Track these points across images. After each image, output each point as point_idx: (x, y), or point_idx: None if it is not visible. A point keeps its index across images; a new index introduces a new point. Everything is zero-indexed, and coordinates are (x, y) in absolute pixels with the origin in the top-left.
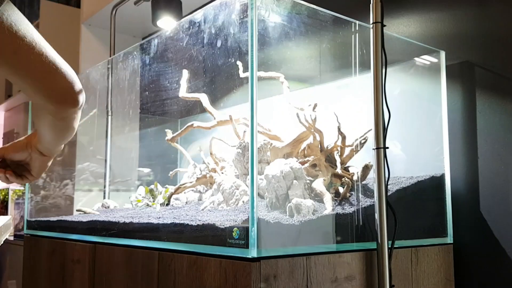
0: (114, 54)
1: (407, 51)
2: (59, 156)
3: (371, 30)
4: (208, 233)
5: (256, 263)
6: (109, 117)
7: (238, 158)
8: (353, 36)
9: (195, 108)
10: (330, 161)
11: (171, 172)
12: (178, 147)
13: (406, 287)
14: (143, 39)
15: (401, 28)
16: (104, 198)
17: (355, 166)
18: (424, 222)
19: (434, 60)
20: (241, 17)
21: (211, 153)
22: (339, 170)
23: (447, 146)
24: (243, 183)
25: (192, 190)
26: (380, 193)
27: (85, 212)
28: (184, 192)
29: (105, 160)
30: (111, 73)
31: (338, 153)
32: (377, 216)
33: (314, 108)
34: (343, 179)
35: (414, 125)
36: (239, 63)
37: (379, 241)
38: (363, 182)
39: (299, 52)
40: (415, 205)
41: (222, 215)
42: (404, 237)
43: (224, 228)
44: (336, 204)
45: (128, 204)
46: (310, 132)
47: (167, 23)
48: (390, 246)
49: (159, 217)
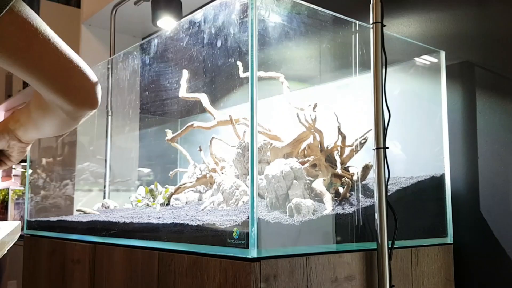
0: (114, 54)
1: (407, 51)
2: (59, 156)
3: (371, 30)
4: (208, 233)
5: (256, 263)
6: (109, 117)
7: (238, 158)
8: (353, 36)
9: (195, 108)
10: (330, 161)
11: (171, 172)
12: (178, 147)
13: (406, 287)
14: (143, 39)
15: (401, 28)
16: (104, 198)
17: (355, 166)
18: (424, 222)
19: (434, 60)
20: (241, 17)
21: (211, 153)
22: (339, 170)
23: (447, 146)
24: (243, 183)
25: (192, 190)
26: (380, 193)
27: (85, 212)
28: (184, 192)
29: (105, 160)
30: (111, 73)
31: (338, 153)
32: (377, 216)
33: (314, 108)
34: (343, 179)
35: (414, 125)
36: (239, 63)
37: (379, 241)
38: (363, 182)
39: (299, 52)
40: (415, 205)
41: (222, 215)
42: (404, 237)
43: (224, 228)
44: (336, 204)
45: (128, 204)
46: (310, 132)
47: (167, 23)
48: (390, 246)
49: (159, 217)
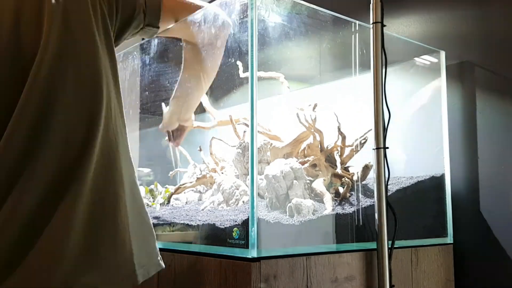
0: None
1: (407, 51)
2: None
3: (371, 30)
4: (208, 233)
5: (256, 263)
6: None
7: (238, 158)
8: (353, 36)
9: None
10: (330, 161)
11: (171, 172)
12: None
13: (406, 287)
14: (143, 39)
15: (401, 28)
16: None
17: (355, 166)
18: (424, 222)
19: (434, 60)
20: (241, 17)
21: (211, 153)
22: (339, 170)
23: (447, 146)
24: (243, 183)
25: (192, 190)
26: (380, 193)
27: None
28: (184, 192)
29: None
30: None
31: (338, 153)
32: (377, 216)
33: (314, 108)
34: (343, 179)
35: (414, 125)
36: (239, 63)
37: (379, 241)
38: (363, 182)
39: (299, 52)
40: (415, 205)
41: (222, 215)
42: (404, 237)
43: (224, 228)
44: (336, 204)
45: None
46: (310, 132)
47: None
48: (390, 246)
49: (159, 217)
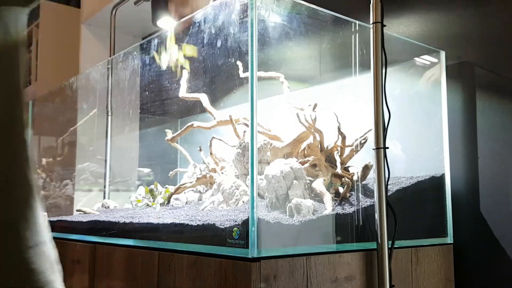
0: (114, 54)
1: (407, 51)
2: (59, 156)
3: (371, 30)
4: (208, 233)
5: (256, 263)
6: (109, 117)
7: (238, 158)
8: (353, 36)
9: (195, 108)
10: (330, 161)
11: (171, 172)
12: (178, 147)
13: (406, 287)
14: (143, 39)
15: (401, 28)
16: (104, 198)
17: (355, 166)
18: (424, 222)
19: (434, 60)
20: (241, 17)
21: (211, 153)
22: (339, 170)
23: (447, 146)
24: (243, 183)
25: (192, 190)
26: (380, 193)
27: (85, 212)
28: (184, 192)
29: (105, 160)
30: (111, 73)
31: (338, 153)
32: (377, 216)
33: (314, 108)
34: (343, 179)
35: (414, 125)
36: (239, 63)
37: (379, 241)
38: (363, 182)
39: (299, 52)
40: (415, 205)
41: (222, 215)
42: (404, 237)
43: (224, 228)
44: (336, 204)
45: (128, 204)
46: (310, 132)
47: (167, 23)
48: (390, 246)
49: (159, 217)
